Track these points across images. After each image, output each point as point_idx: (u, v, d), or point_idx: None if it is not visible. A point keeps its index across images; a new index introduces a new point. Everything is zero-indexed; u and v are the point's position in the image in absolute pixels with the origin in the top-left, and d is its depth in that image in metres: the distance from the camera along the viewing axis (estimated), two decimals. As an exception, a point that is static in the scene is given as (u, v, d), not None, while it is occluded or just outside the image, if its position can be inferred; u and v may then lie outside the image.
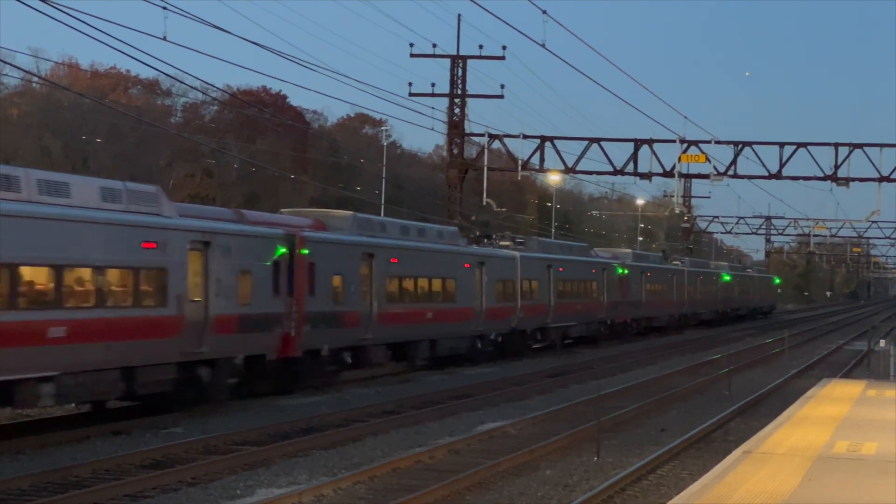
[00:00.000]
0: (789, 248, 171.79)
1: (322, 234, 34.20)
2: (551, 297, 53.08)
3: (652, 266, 73.28)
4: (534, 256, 51.65)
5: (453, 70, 59.92)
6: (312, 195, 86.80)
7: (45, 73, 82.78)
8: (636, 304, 67.85)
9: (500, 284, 47.28)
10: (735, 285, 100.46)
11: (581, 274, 58.33)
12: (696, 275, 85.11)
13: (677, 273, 79.29)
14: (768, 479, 14.47)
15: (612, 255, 67.47)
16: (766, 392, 37.61)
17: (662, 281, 74.93)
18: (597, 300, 60.28)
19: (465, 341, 44.27)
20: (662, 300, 74.85)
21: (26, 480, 19.71)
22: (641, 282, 68.78)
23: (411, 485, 20.16)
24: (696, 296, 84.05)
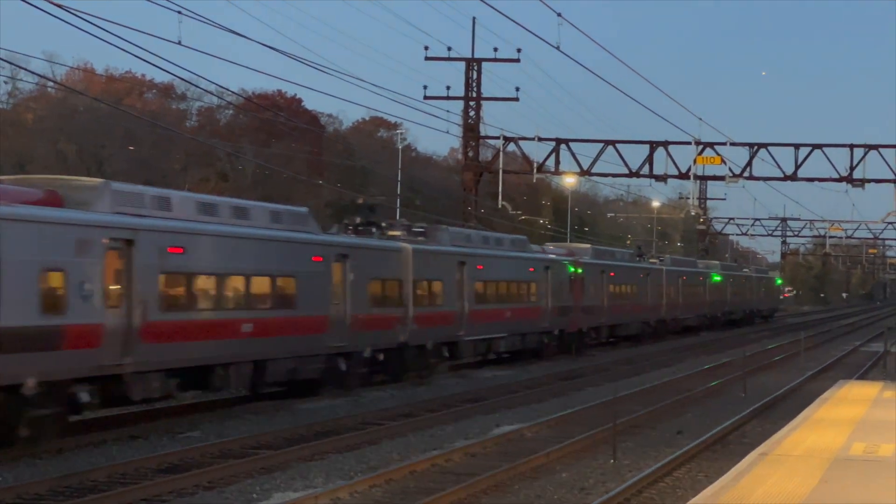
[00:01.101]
0: (805, 249, 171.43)
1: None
2: (464, 303, 42.51)
3: (617, 264, 62.57)
4: (436, 251, 40.91)
5: (468, 73, 59.97)
6: (328, 198, 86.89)
7: (61, 78, 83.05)
8: (595, 310, 57.10)
9: (379, 285, 36.69)
10: (727, 286, 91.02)
11: (511, 273, 47.28)
12: (678, 274, 75.36)
13: (653, 272, 69.11)
14: (785, 481, 14.45)
15: (566, 251, 56.88)
16: (782, 394, 37.55)
17: (632, 281, 64.52)
18: (536, 305, 49.48)
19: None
20: (633, 304, 64.26)
21: (44, 485, 19.77)
22: (602, 283, 58.36)
23: (428, 487, 20.18)
24: (677, 298, 74.29)
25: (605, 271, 58.79)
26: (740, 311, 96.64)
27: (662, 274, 70.92)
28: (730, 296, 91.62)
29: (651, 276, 68.34)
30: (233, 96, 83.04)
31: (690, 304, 78.01)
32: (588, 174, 60.94)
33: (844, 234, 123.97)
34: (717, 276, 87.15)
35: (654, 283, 68.79)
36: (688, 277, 77.85)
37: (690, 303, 78.04)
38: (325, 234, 34.85)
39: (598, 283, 57.70)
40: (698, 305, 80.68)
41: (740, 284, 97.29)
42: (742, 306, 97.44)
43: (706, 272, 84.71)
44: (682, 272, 76.68)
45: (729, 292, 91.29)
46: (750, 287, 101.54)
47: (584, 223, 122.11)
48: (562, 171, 60.64)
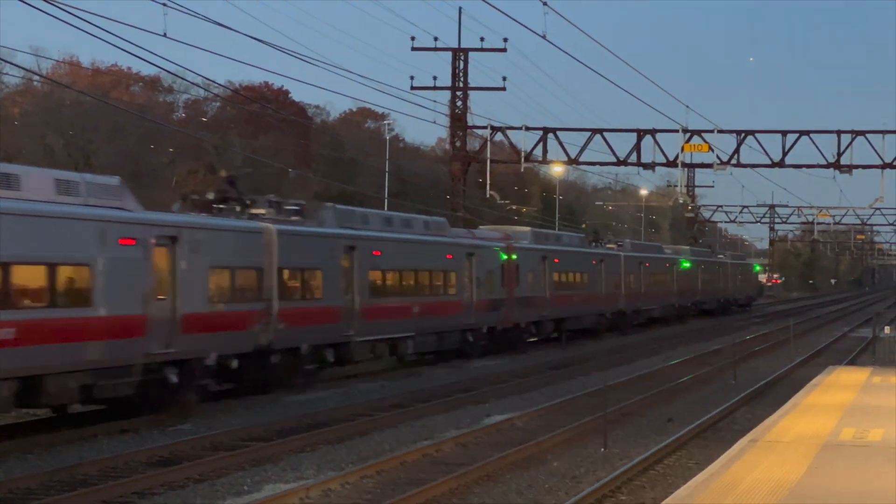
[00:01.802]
0: (793, 236, 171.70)
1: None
2: (355, 297, 35.57)
3: (563, 249, 55.38)
4: (312, 233, 34.05)
5: (455, 63, 59.93)
6: (316, 190, 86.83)
7: (47, 72, 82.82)
8: (535, 302, 50.88)
9: (226, 275, 30.08)
10: (698, 274, 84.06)
11: (421, 261, 40.45)
12: (639, 261, 67.98)
13: (609, 259, 62.18)
14: (775, 467, 14.49)
15: (502, 235, 49.69)
16: (772, 380, 37.63)
17: (582, 269, 57.83)
18: (455, 298, 42.90)
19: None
20: (584, 295, 57.72)
21: (35, 479, 19.75)
22: (544, 271, 52.26)
23: (419, 478, 20.19)
24: (639, 288, 67.37)
25: (547, 258, 52.54)
26: (713, 301, 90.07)
27: (620, 260, 64.35)
28: (701, 284, 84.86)
29: (607, 263, 61.48)
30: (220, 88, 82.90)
31: (655, 293, 71.30)
32: (576, 163, 60.99)
33: (832, 220, 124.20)
34: (687, 263, 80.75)
35: (611, 271, 62.25)
36: (652, 264, 71.08)
37: (655, 292, 71.34)
38: (149, 213, 27.81)
39: (539, 272, 51.56)
40: (664, 295, 73.91)
41: (713, 271, 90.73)
42: (715, 295, 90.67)
43: (674, 258, 78.13)
44: (645, 258, 69.73)
45: (700, 280, 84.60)
46: (724, 274, 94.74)
47: (573, 212, 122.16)
48: (549, 160, 60.68)
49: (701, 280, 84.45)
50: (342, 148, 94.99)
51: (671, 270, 76.16)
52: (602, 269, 60.43)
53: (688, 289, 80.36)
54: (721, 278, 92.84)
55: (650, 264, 70.45)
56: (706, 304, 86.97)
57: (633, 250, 68.54)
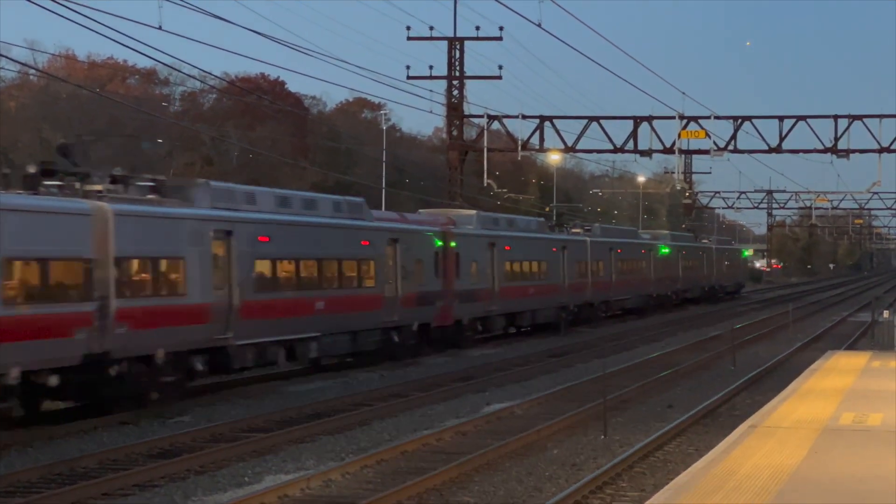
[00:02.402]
0: (791, 221, 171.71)
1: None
2: (233, 291, 29.65)
3: (515, 235, 49.59)
4: (167, 214, 27.98)
5: (451, 52, 59.87)
6: (313, 180, 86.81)
7: (42, 65, 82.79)
8: (481, 295, 45.27)
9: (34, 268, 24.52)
10: (678, 260, 78.23)
11: (328, 248, 34.19)
12: (609, 247, 62.36)
13: (573, 245, 56.60)
14: (775, 453, 14.49)
15: (445, 219, 44.18)
16: (772, 366, 37.67)
17: (541, 257, 52.16)
18: (373, 292, 36.47)
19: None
20: (542, 286, 52.00)
21: (35, 472, 19.76)
22: (493, 259, 46.62)
23: (419, 467, 20.20)
24: (608, 276, 61.63)
25: (496, 244, 46.92)
26: (697, 289, 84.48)
27: (586, 246, 58.60)
28: (682, 271, 79.26)
29: (570, 250, 55.99)
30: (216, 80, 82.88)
31: (628, 282, 65.62)
32: (573, 151, 60.89)
33: (830, 205, 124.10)
34: (665, 249, 74.74)
35: (575, 259, 56.67)
36: (625, 250, 65.28)
37: (628, 281, 65.77)
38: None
39: (485, 261, 45.89)
40: (639, 283, 68.36)
41: (696, 257, 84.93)
42: (699, 283, 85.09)
43: (651, 244, 72.32)
44: (616, 244, 63.88)
45: (681, 267, 78.96)
46: (709, 260, 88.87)
47: (571, 199, 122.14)
48: (546, 148, 60.59)
49: (682, 267, 79.20)
50: (339, 138, 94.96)
51: (648, 257, 70.50)
52: (564, 257, 55.05)
53: (667, 276, 74.68)
54: (705, 265, 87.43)
55: (623, 250, 64.67)
56: (688, 293, 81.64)
57: (603, 235, 62.90)
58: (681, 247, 79.66)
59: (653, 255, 71.19)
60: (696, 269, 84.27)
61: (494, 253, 46.75)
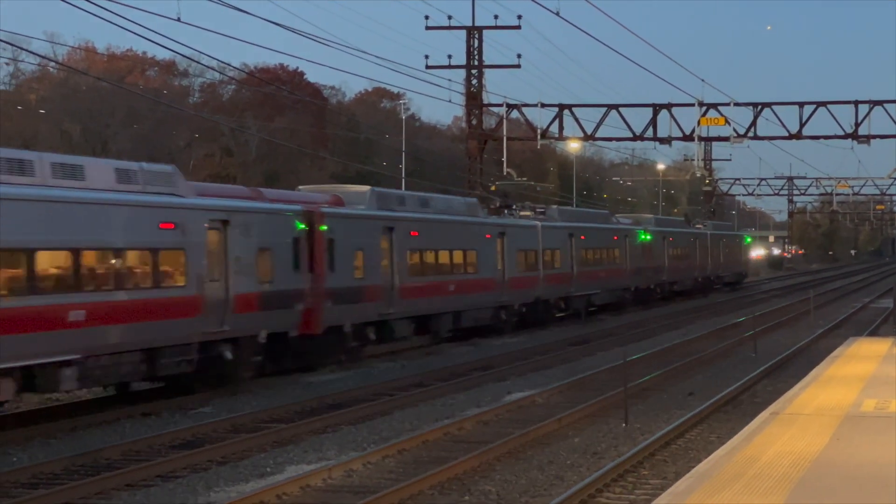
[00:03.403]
0: (812, 207, 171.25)
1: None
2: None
3: (424, 218, 39.65)
4: None
5: (469, 41, 59.83)
6: (333, 171, 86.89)
7: (62, 58, 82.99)
8: (368, 294, 35.22)
9: None
10: (663, 248, 68.18)
11: (119, 235, 24.81)
12: (569, 233, 52.97)
13: (515, 231, 47.21)
14: (797, 440, 14.47)
15: (330, 197, 35.54)
16: (793, 353, 37.58)
17: (468, 246, 42.45)
18: (183, 295, 26.63)
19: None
20: (470, 281, 42.26)
21: (59, 464, 19.84)
22: (390, 249, 36.96)
23: (441, 457, 20.22)
24: (567, 268, 52.32)
25: (395, 229, 37.06)
26: (688, 280, 74.78)
27: (536, 233, 49.31)
28: (669, 260, 69.20)
29: (512, 237, 46.40)
30: (235, 71, 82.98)
31: (595, 274, 56.10)
32: (592, 139, 60.82)
33: (851, 190, 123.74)
34: (646, 235, 65.18)
35: (519, 247, 47.19)
36: (590, 237, 55.74)
37: (595, 273, 56.09)
38: None
39: (375, 250, 36.01)
40: (611, 275, 58.59)
41: (686, 244, 74.82)
42: (689, 273, 75.20)
43: (627, 229, 62.69)
44: (578, 230, 54.14)
45: (667, 256, 68.98)
46: (703, 248, 78.62)
47: (590, 188, 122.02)
48: (566, 136, 60.51)
49: (669, 256, 69.31)
50: (358, 128, 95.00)
51: (622, 245, 60.79)
52: (502, 245, 45.45)
53: (648, 267, 64.88)
54: (698, 253, 77.21)
55: (587, 237, 55.27)
56: (677, 285, 72.20)
57: (562, 219, 53.48)
58: (666, 233, 69.69)
59: (629, 243, 61.52)
60: (686, 258, 74.47)
61: (394, 240, 37.01)
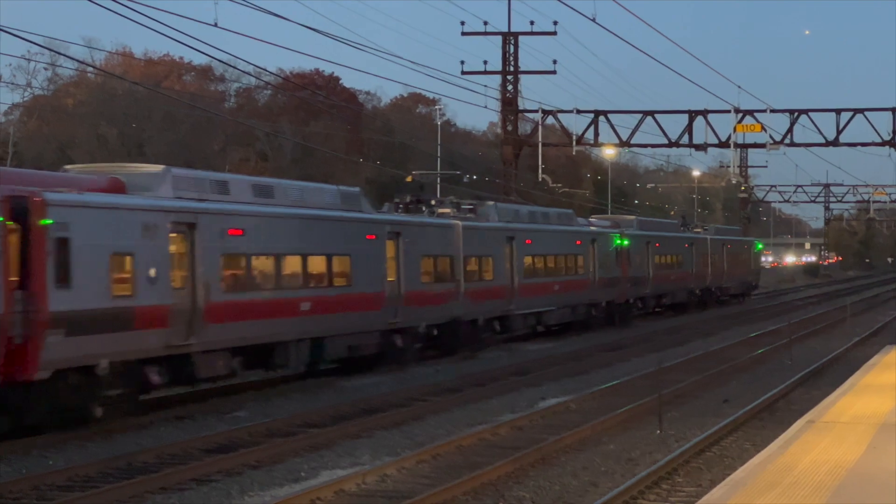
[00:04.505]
0: (849, 215, 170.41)
1: None
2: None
3: (288, 214, 30.12)
4: None
5: (505, 47, 59.87)
6: (368, 175, 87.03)
7: (100, 63, 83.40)
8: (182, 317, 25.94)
9: None
10: (647, 255, 58.08)
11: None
12: (505, 235, 42.37)
13: (412, 232, 36.03)
14: (832, 448, 14.39)
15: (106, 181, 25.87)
16: (829, 361, 37.38)
17: (331, 247, 31.75)
18: None
19: None
20: (333, 298, 31.64)
21: (94, 467, 19.92)
22: (207, 259, 26.83)
23: (475, 462, 20.20)
24: (502, 279, 41.92)
25: (198, 225, 26.65)
26: (681, 293, 64.88)
27: (454, 234, 38.81)
28: (654, 269, 59.32)
29: (409, 240, 35.69)
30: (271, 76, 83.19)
31: (547, 288, 45.86)
32: (627, 145, 60.75)
33: (889, 198, 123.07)
34: (622, 240, 54.46)
35: (417, 254, 36.30)
36: (539, 241, 45.22)
37: (549, 285, 45.99)
38: None
39: (154, 256, 25.47)
40: (571, 289, 48.06)
41: (678, 252, 64.49)
42: (683, 284, 65.09)
43: (594, 233, 51.77)
44: (522, 232, 43.81)
45: (652, 265, 58.96)
46: (701, 256, 68.28)
47: (625, 194, 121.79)
48: (601, 142, 60.47)
49: (654, 265, 59.31)
50: (393, 133, 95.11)
51: (587, 250, 50.14)
52: (397, 250, 35.15)
53: (625, 277, 54.44)
54: (695, 260, 66.90)
55: (535, 240, 44.76)
56: (667, 298, 62.47)
57: (501, 218, 43.04)
58: (651, 237, 59.27)
59: (597, 249, 50.95)
60: (679, 267, 64.18)
61: (196, 241, 26.69)
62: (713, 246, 71.00)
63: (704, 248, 69.18)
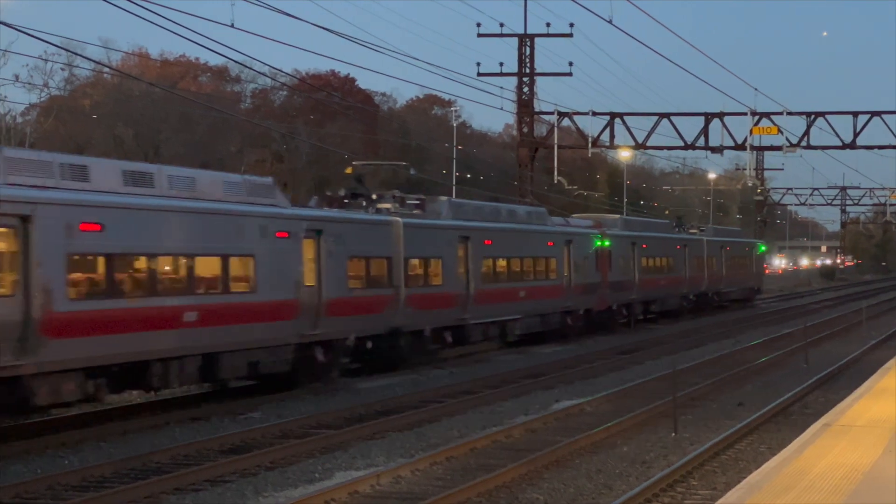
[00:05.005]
0: (865, 218, 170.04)
1: None
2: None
3: (136, 204, 24.42)
4: None
5: (521, 49, 59.85)
6: (383, 178, 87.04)
7: (116, 64, 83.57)
8: None
9: None
10: (631, 257, 53.53)
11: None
12: (461, 234, 37.55)
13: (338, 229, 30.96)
14: (848, 452, 14.33)
15: None
16: (845, 364, 37.28)
17: (226, 247, 26.93)
18: None
19: None
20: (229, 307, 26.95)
21: (109, 467, 19.94)
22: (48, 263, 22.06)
23: (489, 464, 20.18)
24: (458, 286, 37.20)
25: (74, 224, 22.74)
26: (672, 299, 59.62)
27: (392, 233, 33.86)
28: (641, 274, 54.47)
29: (332, 238, 30.54)
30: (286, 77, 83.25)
31: (512, 293, 40.91)
32: (643, 147, 60.68)
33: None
34: (604, 241, 50.07)
35: (344, 255, 31.20)
36: (500, 242, 40.15)
37: (513, 291, 41.00)
38: None
39: None
40: (541, 295, 43.16)
41: (671, 254, 60.05)
42: (674, 290, 59.96)
43: (569, 233, 46.86)
44: (476, 231, 38.47)
45: (638, 268, 54.21)
46: (695, 259, 63.66)
47: (641, 196, 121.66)
48: (617, 144, 60.41)
49: (641, 268, 54.81)
50: (409, 135, 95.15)
51: (559, 252, 45.13)
52: (317, 251, 30.11)
53: (606, 282, 49.93)
54: (688, 264, 62.06)
55: (495, 240, 39.72)
56: (656, 304, 57.63)
57: (455, 215, 38.10)
58: (637, 238, 54.80)
59: (573, 251, 46.42)
60: (670, 271, 59.55)
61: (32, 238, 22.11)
62: (710, 248, 66.78)
63: (700, 249, 64.84)
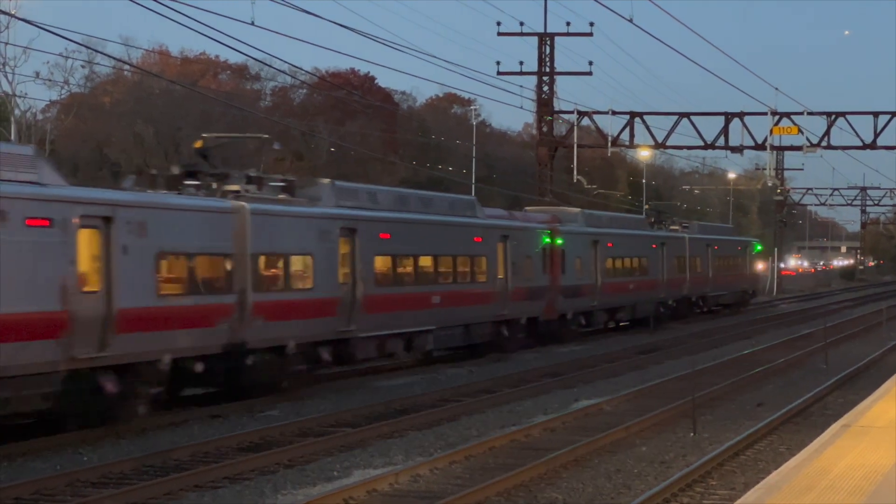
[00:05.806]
0: (886, 218, 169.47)
1: None
2: None
3: None
4: None
5: (541, 48, 59.81)
6: (403, 176, 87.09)
7: (136, 61, 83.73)
8: None
9: None
10: (592, 257, 47.33)
11: None
12: (343, 226, 30.26)
13: (133, 216, 23.53)
14: (868, 453, 14.29)
15: None
16: (864, 365, 37.18)
17: None
18: None
19: None
20: None
21: (128, 464, 20.00)
22: None
23: (508, 463, 20.18)
24: (342, 290, 30.16)
25: None
26: (646, 304, 52.86)
27: (233, 224, 26.67)
28: (604, 276, 48.29)
29: (132, 230, 23.58)
30: (306, 75, 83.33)
31: (424, 299, 34.27)
32: (663, 147, 60.61)
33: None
34: (556, 239, 43.91)
35: (152, 252, 24.19)
36: (404, 236, 33.46)
37: (424, 297, 34.31)
38: None
39: None
40: (464, 301, 36.44)
41: (644, 254, 53.72)
42: (648, 295, 53.35)
43: (505, 228, 40.00)
44: (370, 223, 31.69)
45: (601, 270, 48.04)
46: (675, 259, 57.48)
47: (660, 196, 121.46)
48: (636, 144, 60.34)
49: (605, 270, 48.55)
50: (429, 134, 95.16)
51: (491, 251, 38.47)
52: (127, 248, 23.55)
53: (558, 286, 43.72)
54: (665, 265, 55.74)
55: (395, 235, 32.85)
56: (622, 312, 51.26)
57: (341, 202, 30.96)
58: (601, 236, 48.39)
59: (510, 250, 39.59)
60: (642, 273, 53.27)
61: None
62: (693, 246, 60.03)
63: (680, 249, 58.32)
